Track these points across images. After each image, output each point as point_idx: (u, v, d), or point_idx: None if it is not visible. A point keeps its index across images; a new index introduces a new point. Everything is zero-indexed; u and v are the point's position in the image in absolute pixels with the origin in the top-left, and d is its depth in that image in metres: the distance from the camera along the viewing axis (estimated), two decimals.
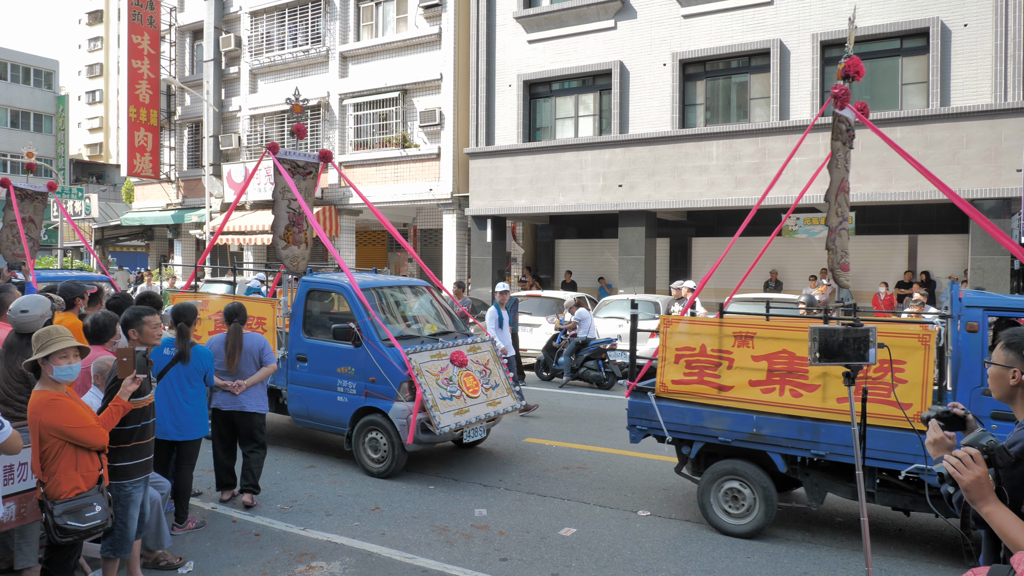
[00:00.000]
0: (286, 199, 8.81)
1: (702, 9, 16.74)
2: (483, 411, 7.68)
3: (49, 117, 49.11)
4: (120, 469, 4.57)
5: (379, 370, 7.32)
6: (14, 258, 11.66)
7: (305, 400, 8.02)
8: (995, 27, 13.94)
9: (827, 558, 5.59)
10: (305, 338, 8.07)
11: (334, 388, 7.75)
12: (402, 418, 7.17)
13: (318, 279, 8.35)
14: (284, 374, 8.16)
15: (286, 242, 8.74)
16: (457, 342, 8.14)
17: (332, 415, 7.79)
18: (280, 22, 23.80)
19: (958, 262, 17.19)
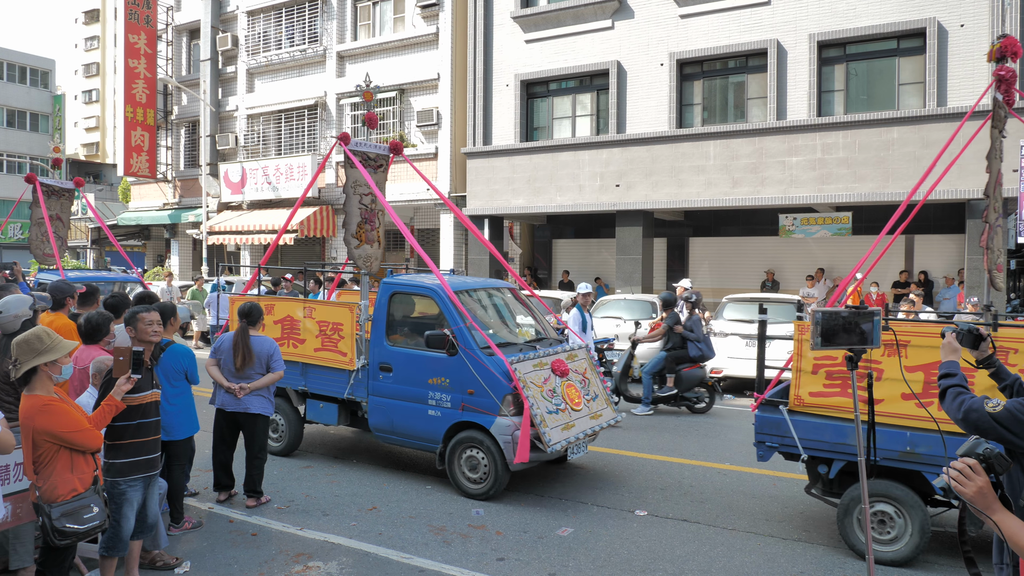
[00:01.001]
0: (358, 194, 8.10)
1: (699, 9, 16.74)
2: (587, 425, 7.04)
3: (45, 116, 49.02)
4: (115, 467, 4.57)
5: (479, 381, 6.67)
6: (44, 258, 11.37)
7: (389, 414, 7.32)
8: (992, 27, 13.97)
9: (824, 558, 5.59)
10: (389, 346, 7.38)
11: (424, 401, 7.05)
12: (506, 435, 6.52)
13: (403, 281, 7.69)
14: (365, 385, 7.51)
15: (358, 240, 8.02)
16: (555, 349, 7.49)
17: (421, 430, 7.10)
18: (277, 21, 23.77)
19: (954, 262, 17.22)
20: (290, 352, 7.92)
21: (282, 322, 8.09)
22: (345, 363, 7.56)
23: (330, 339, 7.72)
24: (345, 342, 7.58)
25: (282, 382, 7.78)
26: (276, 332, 8.08)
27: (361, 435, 9.30)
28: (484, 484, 6.78)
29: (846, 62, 15.67)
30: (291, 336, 7.99)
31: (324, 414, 7.94)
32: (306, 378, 7.95)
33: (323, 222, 22.21)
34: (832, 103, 15.76)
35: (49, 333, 3.94)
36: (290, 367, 7.71)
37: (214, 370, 6.52)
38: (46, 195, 11.10)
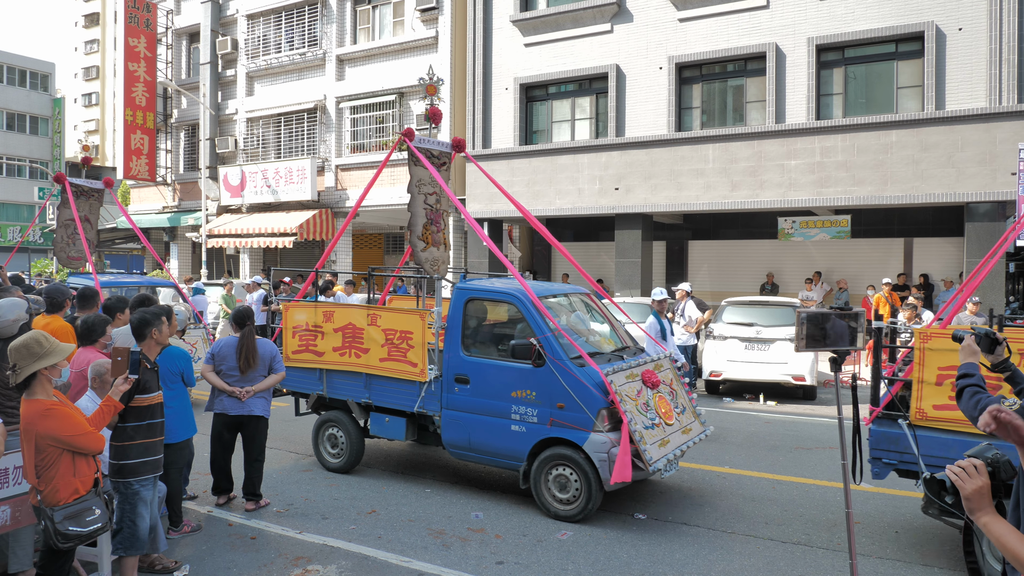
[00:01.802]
0: (423, 193, 7.67)
1: (698, 13, 16.77)
2: (680, 440, 6.60)
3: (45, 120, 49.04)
4: (128, 467, 4.64)
5: (570, 394, 6.19)
6: (69, 261, 11.03)
7: (467, 429, 6.81)
8: (989, 31, 14.00)
9: (822, 560, 5.59)
10: (466, 356, 6.87)
11: (507, 415, 6.56)
12: (602, 452, 6.05)
13: (480, 286, 7.21)
14: (438, 398, 6.99)
15: (424, 243, 7.56)
16: (642, 359, 7.06)
17: (504, 447, 6.62)
18: (277, 25, 23.80)
19: (953, 265, 17.24)
20: (351, 362, 7.48)
21: (343, 330, 7.53)
22: (415, 374, 7.03)
23: (398, 348, 7.15)
24: (415, 352, 7.01)
25: (343, 394, 7.59)
26: (336, 340, 7.57)
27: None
28: (575, 505, 6.31)
29: (845, 65, 15.70)
30: (353, 345, 7.46)
31: (390, 429, 7.43)
32: (370, 390, 7.45)
33: (323, 225, 22.21)
34: (831, 106, 15.78)
35: (47, 337, 3.95)
36: (352, 378, 7.51)
37: (212, 376, 6.52)
38: (75, 196, 10.70)
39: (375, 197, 21.53)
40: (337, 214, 22.51)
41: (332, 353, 7.60)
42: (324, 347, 7.65)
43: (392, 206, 21.34)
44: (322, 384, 7.79)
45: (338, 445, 7.78)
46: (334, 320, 7.62)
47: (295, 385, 8.03)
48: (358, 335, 7.42)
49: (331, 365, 7.63)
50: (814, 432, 9.88)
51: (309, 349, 7.78)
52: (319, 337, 7.67)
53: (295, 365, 7.85)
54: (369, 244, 27.30)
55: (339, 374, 7.65)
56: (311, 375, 7.86)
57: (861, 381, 13.30)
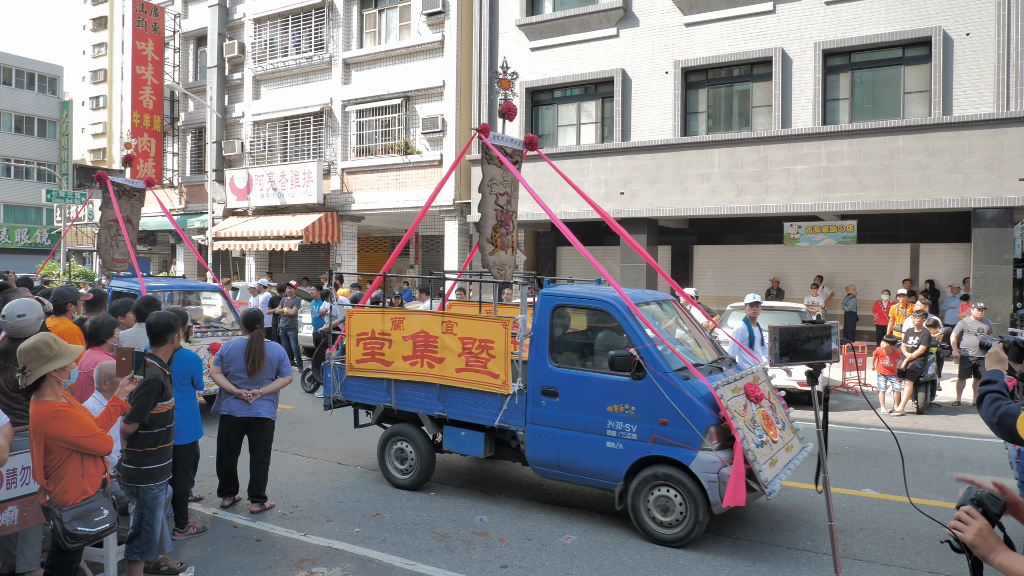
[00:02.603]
0: (494, 194, 7.25)
1: (704, 17, 16.79)
2: (785, 459, 6.17)
3: (53, 122, 49.28)
4: (147, 472, 4.72)
5: (675, 410, 5.76)
6: (113, 264, 10.66)
7: (556, 445, 6.36)
8: (997, 36, 13.97)
9: (828, 566, 5.57)
10: (554, 367, 6.43)
11: (602, 431, 6.12)
12: (711, 472, 5.63)
13: (569, 292, 6.78)
14: (522, 412, 6.53)
15: (493, 246, 7.18)
16: (742, 371, 6.69)
17: (597, 466, 6.17)
18: (284, 29, 23.89)
19: (960, 271, 17.19)
20: (424, 372, 7.02)
21: (415, 337, 7.04)
22: (497, 386, 6.57)
23: (477, 358, 6.68)
24: (497, 362, 6.54)
25: (414, 406, 7.17)
26: (406, 349, 7.09)
27: (365, 441, 9.29)
28: (679, 528, 5.86)
29: (851, 71, 15.68)
30: (426, 354, 6.98)
31: (467, 444, 6.96)
32: (444, 402, 6.97)
33: (328, 228, 22.26)
34: (837, 111, 15.77)
35: (56, 339, 3.97)
36: (424, 389, 7.08)
37: (220, 377, 6.55)
38: (117, 195, 10.33)
39: (381, 200, 21.59)
40: (343, 217, 22.56)
41: (402, 362, 7.12)
42: (392, 356, 7.17)
43: (398, 209, 21.39)
44: (390, 395, 7.31)
45: (407, 460, 7.33)
46: (404, 327, 7.13)
47: (358, 396, 7.57)
48: (431, 343, 6.93)
49: (400, 375, 7.16)
50: None
51: (375, 358, 7.30)
52: (387, 345, 7.21)
53: (359, 375, 7.43)
54: (375, 247, 27.37)
55: (409, 385, 7.17)
56: (377, 386, 7.39)
57: (867, 387, 13.25)
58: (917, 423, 10.76)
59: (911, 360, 11.54)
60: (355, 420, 8.14)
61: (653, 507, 5.98)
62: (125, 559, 4.77)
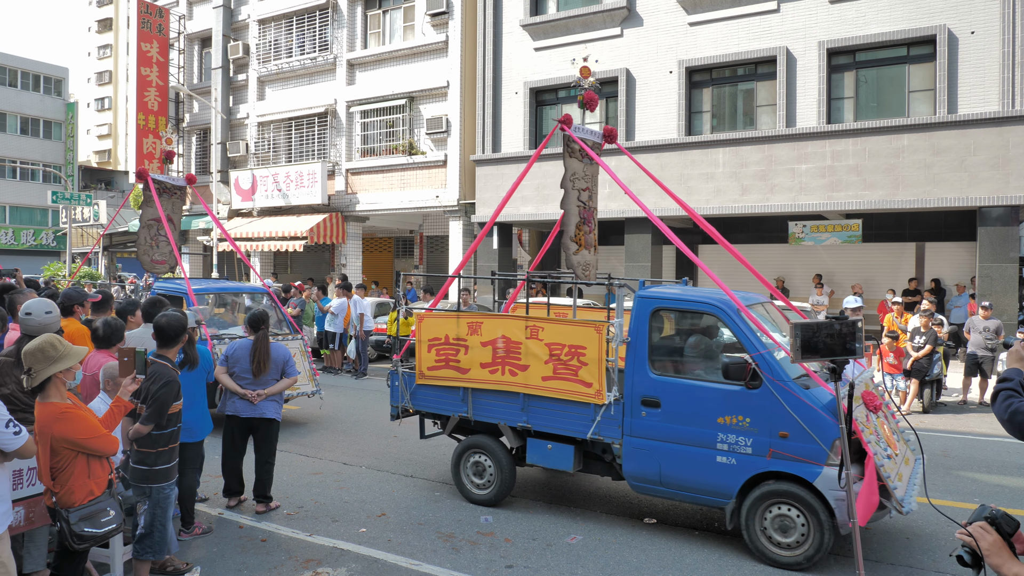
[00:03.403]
0: (576, 189, 6.86)
1: (708, 17, 16.76)
2: (907, 472, 5.77)
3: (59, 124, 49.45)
4: (161, 472, 4.78)
5: (796, 421, 5.35)
6: (153, 265, 10.17)
7: (658, 459, 5.93)
8: (1003, 34, 13.92)
9: (834, 565, 5.56)
10: (656, 375, 5.98)
11: (711, 445, 5.69)
12: (839, 489, 5.22)
13: (670, 294, 6.39)
14: (618, 423, 6.07)
15: (577, 245, 6.77)
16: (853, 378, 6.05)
17: (706, 481, 5.74)
18: (288, 30, 23.93)
19: (965, 270, 17.14)
20: (505, 381, 6.56)
21: (494, 343, 6.58)
22: (589, 396, 6.13)
23: (566, 366, 6.22)
24: (589, 370, 6.10)
25: (493, 416, 6.69)
26: (485, 355, 6.62)
27: (369, 442, 9.31)
28: (801, 551, 5.43)
29: (856, 69, 15.65)
30: (508, 361, 6.53)
31: (554, 457, 6.49)
32: (528, 413, 6.50)
33: (333, 229, 22.29)
34: (842, 110, 15.73)
35: (61, 340, 3.98)
36: (505, 399, 6.61)
37: (225, 377, 6.57)
38: (158, 193, 9.91)
39: (385, 201, 21.61)
40: (347, 218, 22.59)
41: (479, 370, 6.66)
42: (469, 363, 6.70)
43: (401, 210, 21.41)
44: (466, 405, 6.82)
45: (485, 474, 6.86)
46: (482, 332, 6.66)
47: (429, 405, 7.12)
48: (514, 349, 6.49)
49: (478, 384, 6.69)
50: None
51: (450, 365, 6.83)
52: (462, 352, 6.74)
53: (431, 383, 6.98)
54: (379, 248, 27.39)
55: (488, 394, 6.69)
56: (451, 395, 6.91)
57: None
58: (923, 422, 10.73)
59: (917, 359, 11.52)
60: (421, 431, 7.66)
61: (770, 527, 5.55)
62: (132, 559, 4.79)
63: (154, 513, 4.74)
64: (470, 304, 14.27)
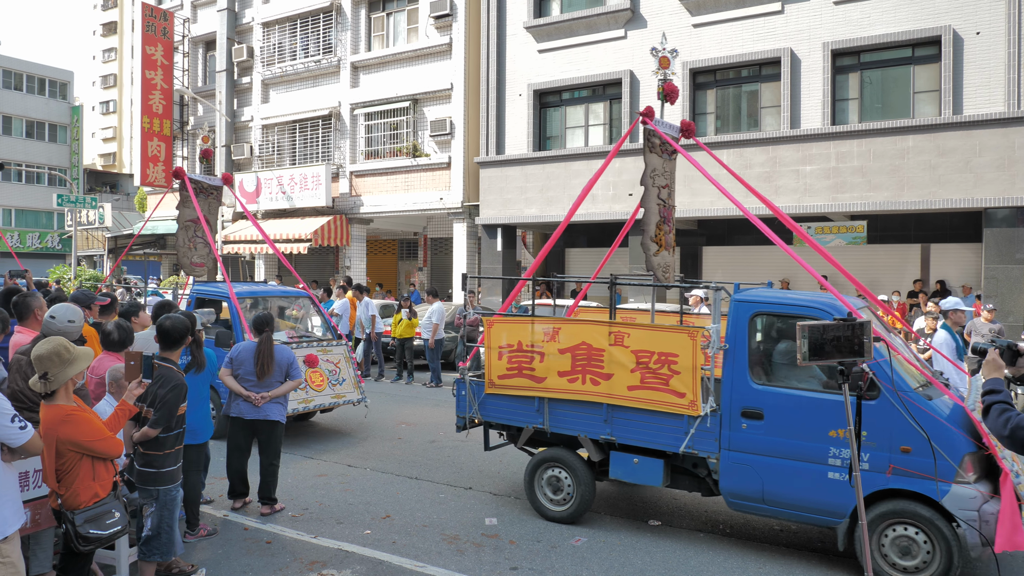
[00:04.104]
0: (656, 186, 6.51)
1: (712, 18, 16.75)
2: None
3: (64, 127, 49.61)
4: (167, 474, 4.82)
5: (920, 435, 4.97)
6: (192, 268, 9.87)
7: (760, 475, 5.56)
8: (1008, 35, 13.89)
9: (838, 567, 5.55)
10: (758, 384, 5.64)
11: (822, 460, 5.32)
12: (970, 509, 4.87)
13: (769, 298, 6.01)
14: (715, 436, 5.72)
15: (657, 245, 6.44)
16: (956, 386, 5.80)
17: (815, 499, 5.36)
18: (292, 33, 23.98)
19: (971, 271, 17.07)
20: (586, 390, 6.20)
21: (574, 350, 6.21)
22: (682, 407, 5.76)
23: (656, 374, 5.86)
24: (682, 379, 5.73)
25: (573, 428, 6.35)
26: (563, 363, 6.26)
27: (373, 444, 9.31)
28: (928, 572, 5.05)
29: (860, 70, 15.62)
30: (589, 369, 6.16)
31: (640, 472, 6.11)
32: (612, 424, 6.14)
33: (337, 231, 22.32)
34: (846, 112, 15.70)
35: (69, 344, 4.00)
36: (586, 409, 6.25)
37: (230, 380, 6.58)
38: (195, 193, 9.62)
39: (389, 203, 21.64)
40: (352, 220, 22.62)
41: (557, 379, 6.30)
42: (545, 371, 6.36)
43: (405, 212, 21.43)
44: (542, 416, 6.47)
45: (562, 489, 6.48)
46: (560, 339, 6.29)
47: (500, 416, 6.76)
48: (596, 357, 6.12)
49: (556, 393, 6.34)
50: None
51: (523, 373, 6.48)
52: (537, 359, 6.40)
53: (502, 392, 6.63)
54: (383, 250, 27.41)
55: (566, 404, 6.34)
56: (525, 405, 6.55)
57: None
58: None
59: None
60: (485, 442, 7.28)
61: (890, 549, 5.18)
62: (140, 561, 4.79)
63: (161, 515, 4.76)
64: (475, 306, 14.23)
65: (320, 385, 9.26)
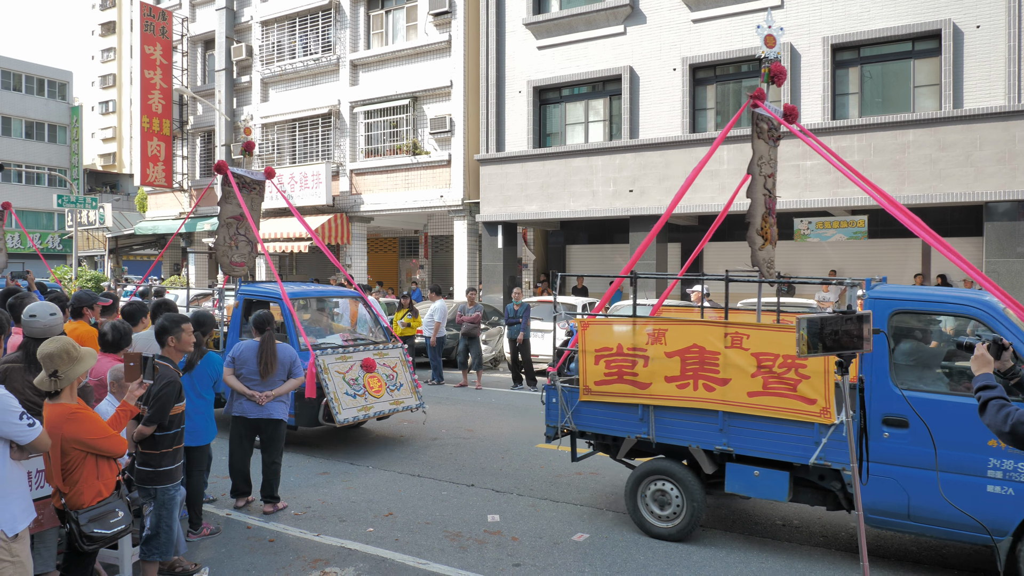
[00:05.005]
0: (763, 175, 6.16)
1: (711, 13, 16.73)
2: None
3: (63, 128, 49.62)
4: (165, 473, 4.80)
5: None
6: (232, 267, 9.37)
7: (906, 489, 5.12)
8: (1008, 28, 13.86)
9: (840, 562, 5.55)
10: (901, 390, 5.16)
11: (980, 472, 4.90)
12: None
13: (907, 294, 5.53)
14: (860, 444, 5.30)
15: (763, 239, 6.06)
16: None
17: (971, 514, 4.92)
18: (291, 31, 23.96)
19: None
20: (699, 397, 5.75)
21: (683, 354, 5.78)
22: (812, 414, 5.32)
23: (781, 379, 5.42)
24: (813, 384, 5.30)
25: (683, 438, 5.91)
26: (671, 368, 5.83)
27: (375, 442, 9.30)
28: None
29: (860, 65, 15.60)
30: (702, 374, 5.72)
31: (762, 485, 5.61)
32: (728, 434, 5.70)
33: (338, 229, 22.32)
34: (846, 106, 15.68)
35: (74, 343, 4.01)
36: (698, 418, 5.79)
37: (232, 379, 6.58)
38: (239, 188, 9.16)
39: (390, 201, 21.63)
40: (352, 218, 22.61)
41: (664, 384, 5.88)
42: (650, 376, 5.93)
43: (406, 210, 21.42)
44: (646, 425, 6.02)
45: (670, 505, 6.00)
46: (667, 341, 5.86)
47: (597, 425, 6.32)
48: (710, 360, 5.69)
49: (663, 400, 5.91)
50: None
51: (624, 379, 6.06)
52: (641, 364, 5.98)
53: (599, 400, 6.20)
54: (384, 248, 27.40)
55: (675, 412, 5.90)
56: (626, 413, 6.11)
57: None
58: None
59: None
60: (572, 453, 6.89)
61: None
62: (141, 560, 4.80)
63: (159, 514, 4.76)
64: (476, 304, 14.23)
65: (378, 391, 8.70)
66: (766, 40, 7.07)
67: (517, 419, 10.75)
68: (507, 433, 9.79)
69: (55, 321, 4.80)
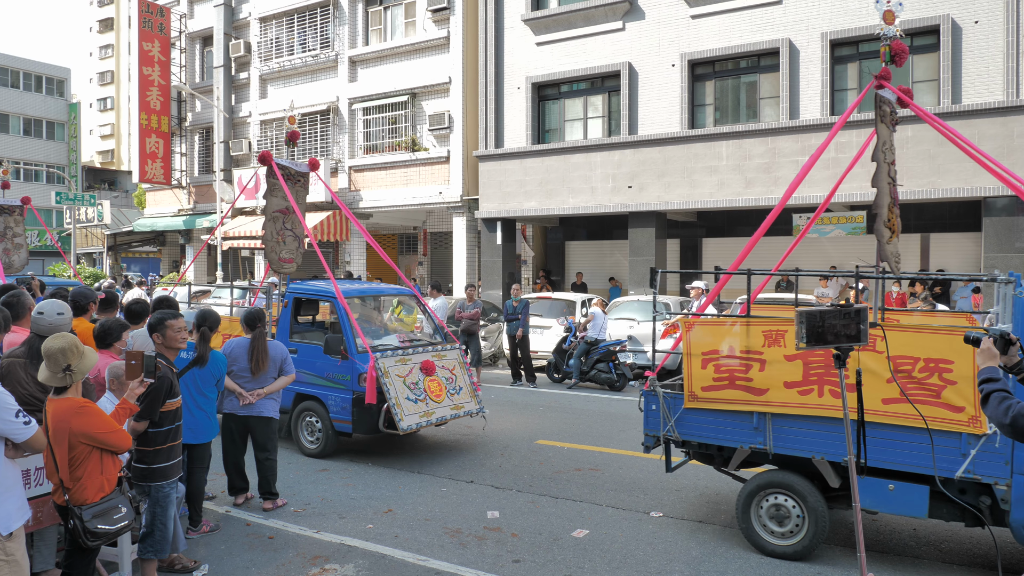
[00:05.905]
0: (887, 162, 5.86)
1: (710, 9, 16.71)
2: None
3: (61, 124, 49.53)
4: (159, 470, 4.79)
5: None
6: (280, 264, 8.90)
7: None
8: (1007, 23, 13.86)
9: (841, 558, 5.56)
10: None
11: None
12: None
13: None
14: (1005, 458, 4.78)
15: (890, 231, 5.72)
16: None
17: None
18: (289, 27, 23.92)
19: (971, 260, 17.07)
20: (824, 404, 5.30)
21: (806, 357, 5.34)
22: (959, 423, 4.90)
23: (922, 384, 5.00)
24: (958, 389, 4.88)
25: (805, 448, 5.43)
26: (791, 372, 5.41)
27: (375, 439, 9.30)
28: None
29: (859, 60, 15.59)
30: (828, 379, 5.29)
31: (898, 500, 5.16)
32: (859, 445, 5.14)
33: (337, 226, 22.31)
34: (846, 102, 15.67)
35: (76, 339, 4.03)
36: (822, 427, 5.32)
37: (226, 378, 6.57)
38: (284, 180, 8.78)
39: (389, 198, 21.61)
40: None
41: (783, 391, 5.43)
42: (767, 381, 5.50)
43: (405, 206, 21.41)
44: (762, 434, 5.58)
45: (789, 521, 5.55)
46: (786, 343, 5.39)
47: (704, 434, 5.87)
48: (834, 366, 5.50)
49: (782, 408, 5.46)
50: None
51: (736, 384, 5.64)
52: (756, 368, 5.55)
53: (708, 407, 5.77)
54: (383, 245, 27.37)
55: (796, 420, 5.44)
56: (738, 421, 5.67)
57: None
58: None
59: None
60: (667, 462, 6.41)
61: None
62: (138, 558, 4.81)
63: (154, 512, 4.76)
64: (475, 300, 14.22)
65: (438, 395, 8.21)
66: (885, 16, 6.57)
67: (516, 415, 10.77)
68: (506, 429, 9.81)
69: (63, 320, 4.82)
